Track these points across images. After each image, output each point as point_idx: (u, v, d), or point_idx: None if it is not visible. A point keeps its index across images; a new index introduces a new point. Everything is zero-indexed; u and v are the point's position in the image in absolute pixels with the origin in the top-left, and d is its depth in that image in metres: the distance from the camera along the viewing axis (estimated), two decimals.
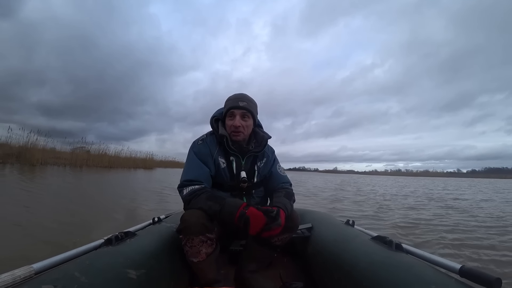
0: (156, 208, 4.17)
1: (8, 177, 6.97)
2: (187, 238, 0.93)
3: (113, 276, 0.68)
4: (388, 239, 0.94)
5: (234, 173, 1.13)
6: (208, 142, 1.14)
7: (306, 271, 1.26)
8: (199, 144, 1.14)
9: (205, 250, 0.95)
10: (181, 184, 1.06)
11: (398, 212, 5.03)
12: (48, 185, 6.23)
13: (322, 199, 7.01)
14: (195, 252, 0.95)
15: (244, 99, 1.13)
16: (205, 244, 0.95)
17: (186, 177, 1.06)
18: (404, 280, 0.68)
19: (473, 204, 6.75)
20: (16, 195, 4.46)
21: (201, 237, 0.94)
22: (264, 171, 1.23)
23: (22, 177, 6.86)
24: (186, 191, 1.03)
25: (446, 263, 0.79)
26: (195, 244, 0.94)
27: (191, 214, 0.95)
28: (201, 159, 1.10)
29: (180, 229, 0.95)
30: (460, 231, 3.42)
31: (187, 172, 1.07)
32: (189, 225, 0.92)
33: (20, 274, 0.62)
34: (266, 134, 1.22)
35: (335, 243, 1.07)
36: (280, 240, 1.11)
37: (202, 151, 1.12)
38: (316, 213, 1.64)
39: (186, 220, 0.93)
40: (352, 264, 0.87)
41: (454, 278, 0.68)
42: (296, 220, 1.11)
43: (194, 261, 0.96)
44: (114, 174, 12.12)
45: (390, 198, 7.69)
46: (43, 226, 2.72)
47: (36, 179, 7.07)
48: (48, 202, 4.20)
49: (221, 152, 1.14)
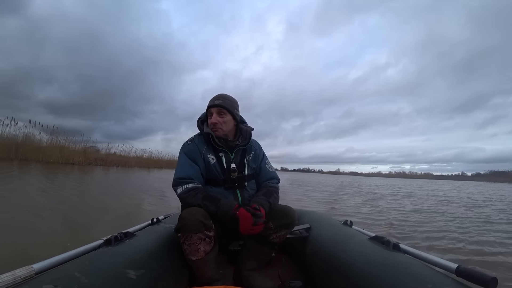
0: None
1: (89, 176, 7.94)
2: (186, 236, 0.94)
3: (113, 276, 0.68)
4: (385, 239, 0.95)
5: (224, 167, 1.19)
6: (196, 142, 1.21)
7: (305, 270, 1.27)
8: (188, 145, 1.21)
9: (204, 248, 0.96)
10: (175, 183, 1.11)
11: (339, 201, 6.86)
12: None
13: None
14: (194, 250, 0.95)
15: (219, 98, 1.21)
16: (204, 242, 0.96)
17: (178, 175, 1.12)
18: (401, 280, 0.69)
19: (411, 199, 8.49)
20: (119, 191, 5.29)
21: (200, 235, 0.95)
22: (254, 164, 1.28)
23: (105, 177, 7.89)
24: (180, 189, 1.09)
25: (443, 263, 0.80)
26: (194, 241, 0.94)
27: (189, 212, 0.97)
28: (191, 158, 1.16)
29: (178, 227, 0.96)
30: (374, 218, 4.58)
31: (179, 171, 1.13)
32: (187, 222, 0.93)
33: (21, 274, 0.62)
34: (249, 127, 1.29)
35: (333, 243, 1.08)
36: (278, 237, 1.14)
37: (191, 150, 1.18)
38: (314, 214, 1.65)
39: (184, 218, 0.95)
40: (350, 264, 0.87)
41: (451, 278, 0.69)
42: (292, 217, 1.14)
43: (193, 259, 0.97)
44: (151, 172, 13.38)
45: (352, 193, 9.63)
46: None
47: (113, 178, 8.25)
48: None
49: (209, 149, 1.20)
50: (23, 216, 2.94)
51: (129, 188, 6.80)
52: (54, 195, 4.42)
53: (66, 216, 3.16)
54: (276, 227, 1.12)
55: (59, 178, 7.02)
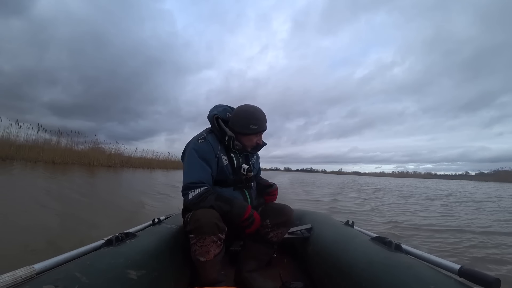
0: None
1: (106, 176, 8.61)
2: (199, 238, 0.94)
3: (113, 276, 0.68)
4: (387, 240, 0.94)
5: (235, 168, 1.17)
6: (210, 140, 1.12)
7: (306, 271, 1.27)
8: (201, 143, 1.11)
9: (214, 251, 0.96)
10: (186, 187, 1.03)
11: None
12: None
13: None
14: (204, 252, 0.95)
15: (265, 120, 1.20)
16: (215, 244, 0.96)
17: (190, 179, 1.04)
18: (403, 281, 0.69)
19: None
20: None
21: (213, 237, 0.95)
22: (256, 165, 1.35)
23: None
24: (192, 194, 1.02)
25: (445, 264, 0.79)
26: (206, 244, 0.94)
27: (204, 213, 0.95)
28: (203, 159, 1.08)
29: (192, 228, 0.95)
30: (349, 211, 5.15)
31: (191, 174, 1.05)
32: (202, 224, 0.93)
33: (21, 274, 0.62)
34: (263, 142, 1.29)
35: (335, 244, 1.07)
36: (275, 235, 1.15)
37: (204, 149, 1.09)
38: (316, 214, 1.64)
39: (199, 219, 0.93)
40: (352, 264, 0.87)
41: (453, 279, 0.69)
42: (289, 215, 1.16)
43: (201, 260, 0.96)
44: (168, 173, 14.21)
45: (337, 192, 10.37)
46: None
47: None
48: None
49: (222, 149, 1.15)
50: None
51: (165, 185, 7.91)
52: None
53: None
54: (273, 225, 1.13)
55: (101, 178, 8.04)
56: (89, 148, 12.65)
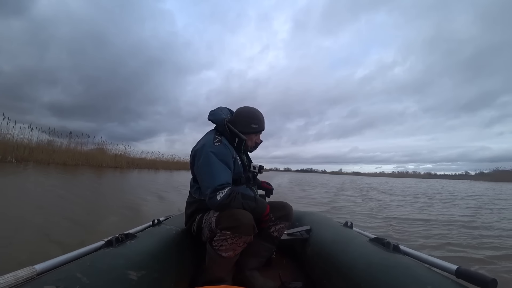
0: None
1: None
2: (234, 236, 0.96)
3: (114, 277, 0.69)
4: (386, 241, 0.95)
5: (245, 166, 1.26)
6: (226, 143, 1.14)
7: (305, 272, 1.27)
8: (218, 146, 1.11)
9: (239, 250, 1.01)
10: (215, 189, 1.03)
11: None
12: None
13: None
14: (231, 249, 0.98)
15: (264, 121, 1.30)
16: (243, 245, 1.00)
17: (218, 181, 1.04)
18: (401, 281, 0.69)
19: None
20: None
21: (247, 238, 0.99)
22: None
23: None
24: (220, 195, 1.02)
25: (442, 264, 0.80)
26: (238, 242, 0.98)
27: (244, 214, 0.99)
28: (223, 161, 1.09)
29: (230, 226, 0.96)
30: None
31: (218, 176, 1.05)
32: (243, 224, 0.96)
33: (23, 274, 0.63)
34: (261, 140, 1.38)
35: (334, 245, 1.08)
36: (277, 230, 1.23)
37: (223, 152, 1.11)
38: (315, 215, 1.65)
39: (239, 219, 0.97)
40: (350, 265, 0.88)
41: (451, 279, 0.70)
42: (289, 210, 1.28)
43: (223, 255, 0.98)
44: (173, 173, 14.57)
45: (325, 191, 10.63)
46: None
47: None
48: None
49: (233, 151, 1.20)
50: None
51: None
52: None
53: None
54: (276, 218, 1.23)
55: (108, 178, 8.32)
56: (96, 150, 12.72)
